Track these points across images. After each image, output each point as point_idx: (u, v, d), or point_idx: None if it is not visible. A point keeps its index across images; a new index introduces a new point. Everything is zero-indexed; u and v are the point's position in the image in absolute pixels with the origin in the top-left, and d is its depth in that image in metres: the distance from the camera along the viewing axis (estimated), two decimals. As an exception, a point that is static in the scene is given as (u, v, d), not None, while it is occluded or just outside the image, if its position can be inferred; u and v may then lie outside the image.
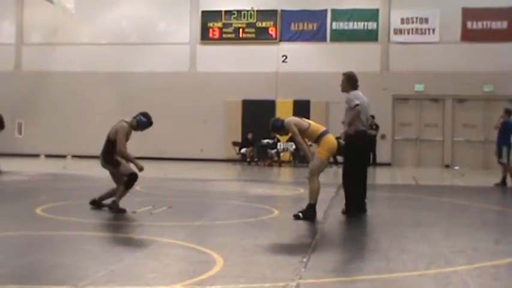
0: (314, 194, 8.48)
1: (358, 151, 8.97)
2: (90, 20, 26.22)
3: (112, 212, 8.55)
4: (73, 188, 12.79)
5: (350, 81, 9.08)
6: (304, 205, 8.87)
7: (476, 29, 23.89)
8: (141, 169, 8.65)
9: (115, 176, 9.00)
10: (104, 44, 26.18)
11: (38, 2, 24.88)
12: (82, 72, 25.82)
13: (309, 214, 8.38)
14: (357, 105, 8.81)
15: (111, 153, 8.91)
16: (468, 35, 23.86)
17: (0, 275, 5.03)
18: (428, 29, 24.15)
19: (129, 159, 8.71)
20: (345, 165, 9.20)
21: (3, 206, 9.95)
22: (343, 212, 8.91)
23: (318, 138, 8.63)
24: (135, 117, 8.94)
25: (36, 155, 24.50)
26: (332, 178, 18.14)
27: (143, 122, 8.91)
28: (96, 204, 8.96)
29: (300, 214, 8.41)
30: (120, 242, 6.77)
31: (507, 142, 14.72)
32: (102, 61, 25.67)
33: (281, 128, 8.79)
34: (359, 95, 9.01)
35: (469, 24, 23.90)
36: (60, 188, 12.68)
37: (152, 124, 9.09)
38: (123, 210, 8.58)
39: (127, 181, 8.80)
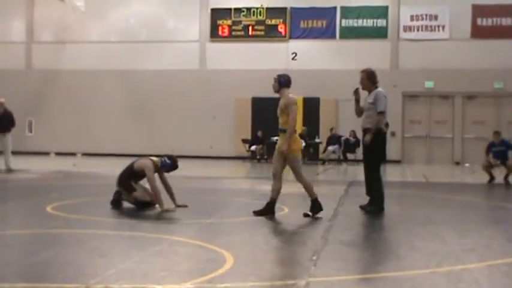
0: (311, 189, 8.50)
1: (382, 148, 8.87)
2: (100, 18, 26.29)
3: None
4: (83, 186, 12.83)
5: (371, 78, 8.98)
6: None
7: (486, 25, 23.76)
8: (163, 210, 8.62)
9: (125, 197, 9.06)
10: (114, 42, 26.25)
11: (48, 1, 24.99)
12: (92, 70, 25.91)
13: (316, 209, 8.39)
14: (383, 112, 8.69)
15: (129, 179, 8.97)
16: (478, 32, 23.75)
17: (11, 273, 5.06)
18: (438, 26, 24.05)
19: (158, 197, 8.72)
20: (370, 163, 8.90)
21: (14, 204, 10.01)
22: (369, 211, 8.73)
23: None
24: (160, 158, 8.98)
25: (47, 153, 24.61)
26: (342, 176, 18.13)
27: (167, 164, 8.93)
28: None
29: (310, 213, 8.39)
30: (130, 240, 6.77)
31: None
32: (112, 59, 25.74)
33: (284, 84, 8.46)
34: (385, 96, 8.83)
35: (479, 21, 23.78)
36: (70, 186, 12.72)
37: (177, 167, 9.09)
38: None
39: (136, 205, 8.90)
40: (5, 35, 27.16)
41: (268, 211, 8.45)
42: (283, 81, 8.48)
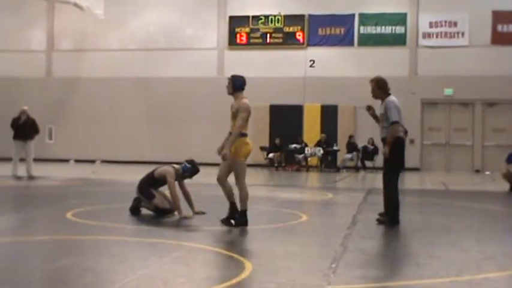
0: (245, 198, 8.17)
1: (401, 157, 8.62)
2: (118, 26, 26.50)
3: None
4: (102, 193, 12.90)
5: (381, 86, 8.61)
6: (333, 210, 8.85)
7: (507, 32, 23.59)
8: (182, 217, 8.64)
9: (145, 204, 9.10)
10: (133, 49, 26.44)
11: (68, 9, 25.24)
12: (111, 78, 26.11)
13: (242, 221, 8.06)
14: (396, 122, 8.35)
15: (149, 186, 9.02)
16: (498, 38, 23.57)
17: (32, 279, 5.11)
18: (458, 33, 23.91)
19: (177, 204, 8.76)
20: (389, 172, 8.58)
21: (35, 211, 10.10)
22: (382, 222, 8.49)
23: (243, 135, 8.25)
24: (181, 165, 9.02)
25: (66, 160, 24.80)
26: (360, 183, 18.05)
27: (188, 168, 8.97)
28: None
29: (232, 221, 8.09)
30: (149, 247, 6.81)
31: None
32: (130, 67, 25.93)
33: (239, 87, 8.30)
34: (398, 104, 8.52)
35: (499, 28, 23.61)
36: (90, 193, 12.80)
37: (199, 171, 9.10)
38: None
39: (155, 212, 8.94)
40: (26, 44, 27.48)
41: (233, 215, 8.18)
42: (238, 84, 8.36)
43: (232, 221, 8.12)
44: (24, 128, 16.27)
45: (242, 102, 8.16)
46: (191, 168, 9.00)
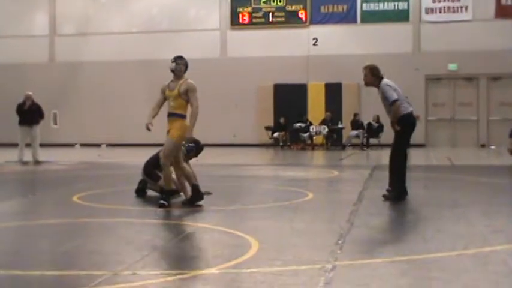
0: (169, 179, 8.12)
1: (410, 132, 8.61)
2: (120, 9, 26.41)
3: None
4: (108, 176, 12.94)
5: (374, 73, 8.53)
6: (339, 187, 8.83)
7: (511, 4, 23.36)
8: (188, 198, 8.64)
9: (151, 186, 9.10)
10: (135, 32, 26.36)
11: (69, -7, 25.14)
12: (114, 61, 26.06)
13: (168, 200, 8.02)
14: (396, 101, 8.29)
15: (155, 168, 9.02)
16: (502, 11, 23.37)
17: (40, 262, 5.15)
18: (461, 7, 23.72)
19: (183, 184, 8.73)
20: (397, 147, 8.52)
21: (42, 195, 10.15)
22: (388, 198, 8.44)
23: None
24: (184, 145, 9.00)
25: (72, 145, 24.86)
26: (365, 160, 18.05)
27: (192, 148, 9.00)
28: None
29: (164, 202, 7.97)
30: (155, 228, 6.83)
31: None
32: (133, 49, 25.86)
33: (187, 68, 8.28)
34: (391, 84, 8.46)
35: (503, 0, 23.38)
36: (96, 176, 12.84)
37: (203, 148, 9.16)
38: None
39: (163, 193, 8.91)
40: (28, 29, 27.40)
41: (198, 197, 8.14)
42: (187, 65, 8.26)
43: (163, 202, 7.97)
44: (30, 114, 16.30)
45: (190, 83, 8.19)
46: (195, 147, 9.02)
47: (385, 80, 8.51)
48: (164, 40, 25.82)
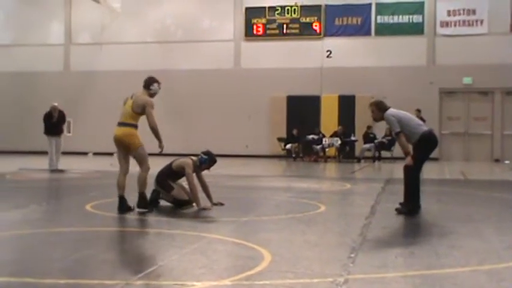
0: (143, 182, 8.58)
1: (431, 149, 8.61)
2: (135, 19, 26.59)
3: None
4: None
5: (381, 108, 8.64)
6: (351, 200, 8.78)
7: (527, 19, 23.29)
8: (200, 209, 8.68)
9: (163, 196, 9.14)
10: (150, 42, 26.53)
11: (85, 3, 25.36)
12: (128, 70, 26.17)
13: (144, 203, 8.42)
14: (398, 133, 8.35)
15: (167, 178, 9.06)
16: (518, 26, 23.28)
17: (53, 270, 5.16)
18: (476, 21, 23.65)
19: (196, 195, 8.79)
20: (414, 161, 8.42)
21: (56, 203, 10.21)
22: (401, 211, 8.41)
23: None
24: (198, 157, 9.07)
25: (85, 153, 24.97)
26: (377, 173, 17.98)
27: (205, 159, 9.04)
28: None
29: (138, 209, 8.39)
30: (168, 238, 6.83)
31: None
32: (148, 59, 26.00)
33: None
34: (395, 114, 8.50)
35: (518, 15, 23.31)
36: (109, 185, 12.82)
37: (216, 161, 9.19)
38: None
39: (174, 204, 8.95)
40: (44, 38, 27.66)
41: (146, 203, 8.49)
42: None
43: (137, 208, 8.40)
44: (58, 124, 16.98)
45: (149, 99, 9.19)
46: (208, 159, 9.04)
47: (389, 111, 8.55)
48: (178, 50, 25.96)
